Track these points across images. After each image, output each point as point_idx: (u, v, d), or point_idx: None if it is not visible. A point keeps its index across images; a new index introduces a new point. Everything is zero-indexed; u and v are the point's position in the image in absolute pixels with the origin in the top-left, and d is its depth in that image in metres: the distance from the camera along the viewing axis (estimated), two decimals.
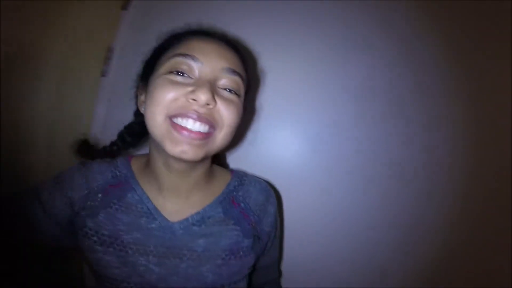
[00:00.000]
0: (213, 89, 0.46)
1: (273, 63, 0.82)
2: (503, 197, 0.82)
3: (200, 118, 0.45)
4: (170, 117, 0.45)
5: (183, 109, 0.45)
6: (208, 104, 0.45)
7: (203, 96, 0.43)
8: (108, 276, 0.49)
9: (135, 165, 0.56)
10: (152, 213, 0.51)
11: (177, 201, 0.53)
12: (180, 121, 0.45)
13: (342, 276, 0.85)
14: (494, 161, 0.83)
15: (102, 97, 0.85)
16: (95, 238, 0.49)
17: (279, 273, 0.73)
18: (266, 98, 0.83)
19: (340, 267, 0.85)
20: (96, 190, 0.51)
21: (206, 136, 0.46)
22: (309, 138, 0.84)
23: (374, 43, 0.83)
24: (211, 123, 0.46)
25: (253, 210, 0.57)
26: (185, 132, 0.44)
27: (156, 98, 0.45)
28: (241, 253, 0.54)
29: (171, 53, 0.49)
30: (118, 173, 0.54)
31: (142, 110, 0.52)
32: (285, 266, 0.81)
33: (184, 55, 0.47)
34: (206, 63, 0.47)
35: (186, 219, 0.52)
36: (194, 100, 0.44)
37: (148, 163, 0.54)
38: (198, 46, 0.48)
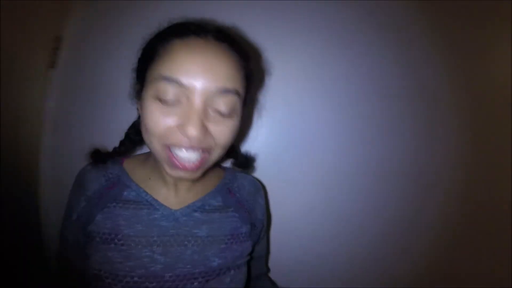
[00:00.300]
0: (204, 118, 0.44)
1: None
2: (502, 196, 0.84)
3: (192, 147, 0.45)
4: (167, 145, 0.46)
5: (176, 139, 0.45)
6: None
7: (193, 132, 0.43)
8: (110, 272, 0.48)
9: (129, 165, 0.57)
10: (153, 204, 0.53)
11: (179, 194, 0.55)
12: (173, 149, 0.46)
13: (328, 271, 0.87)
14: (492, 159, 0.85)
15: (52, 90, 0.78)
16: (97, 239, 0.50)
17: (267, 269, 0.77)
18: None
19: (327, 264, 0.87)
20: (93, 197, 0.53)
21: (200, 161, 0.47)
22: (297, 136, 0.83)
23: (370, 43, 0.82)
24: (204, 148, 0.46)
25: (247, 200, 0.61)
26: (179, 163, 0.46)
27: (149, 127, 0.45)
28: (241, 238, 0.57)
29: (156, 69, 0.45)
30: (110, 175, 0.55)
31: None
32: (272, 262, 0.82)
33: (169, 79, 0.43)
34: (195, 86, 0.43)
35: (188, 206, 0.54)
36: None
37: (148, 160, 0.56)
38: (184, 61, 0.43)
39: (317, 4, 0.81)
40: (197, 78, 0.43)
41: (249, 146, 0.81)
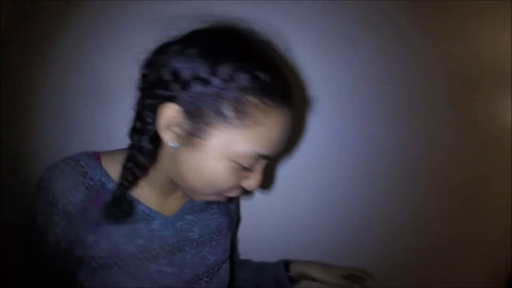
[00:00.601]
0: None
1: None
2: (487, 196, 0.86)
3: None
4: (221, 193, 0.46)
5: (234, 192, 0.46)
6: None
7: (256, 186, 0.46)
8: None
9: (109, 165, 0.47)
10: (149, 214, 0.48)
11: (171, 200, 0.52)
12: (225, 193, 0.46)
13: None
14: (477, 161, 0.86)
15: None
16: (93, 264, 0.43)
17: (238, 253, 0.80)
18: None
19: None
20: (74, 213, 0.42)
21: None
22: None
23: (359, 38, 0.80)
24: None
25: None
26: (220, 197, 0.47)
27: (215, 184, 0.43)
28: (224, 232, 0.58)
29: (248, 138, 0.40)
30: (91, 182, 0.44)
31: (170, 144, 0.42)
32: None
33: (262, 156, 0.42)
34: (273, 156, 0.44)
35: (180, 210, 0.52)
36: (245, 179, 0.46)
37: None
38: (279, 139, 0.43)
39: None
40: (278, 150, 0.44)
41: None
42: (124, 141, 0.48)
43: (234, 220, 0.66)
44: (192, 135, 0.40)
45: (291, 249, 0.80)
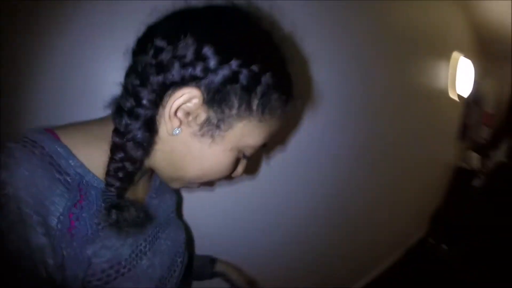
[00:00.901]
0: None
1: None
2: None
3: None
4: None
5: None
6: None
7: (242, 173, 0.46)
8: None
9: (76, 148, 0.36)
10: None
11: (142, 186, 0.47)
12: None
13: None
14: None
15: None
16: (95, 282, 0.36)
17: None
18: None
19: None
20: (59, 227, 0.32)
21: None
22: None
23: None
24: None
25: None
26: (201, 185, 0.45)
27: (213, 172, 0.41)
28: (175, 208, 0.59)
29: (260, 134, 0.40)
30: (69, 179, 0.34)
31: (173, 132, 0.37)
32: None
33: (263, 144, 0.42)
34: None
35: (148, 196, 0.49)
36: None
37: (104, 148, 0.38)
38: (279, 128, 0.43)
39: None
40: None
41: None
42: None
43: (178, 196, 0.65)
44: (210, 124, 0.37)
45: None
